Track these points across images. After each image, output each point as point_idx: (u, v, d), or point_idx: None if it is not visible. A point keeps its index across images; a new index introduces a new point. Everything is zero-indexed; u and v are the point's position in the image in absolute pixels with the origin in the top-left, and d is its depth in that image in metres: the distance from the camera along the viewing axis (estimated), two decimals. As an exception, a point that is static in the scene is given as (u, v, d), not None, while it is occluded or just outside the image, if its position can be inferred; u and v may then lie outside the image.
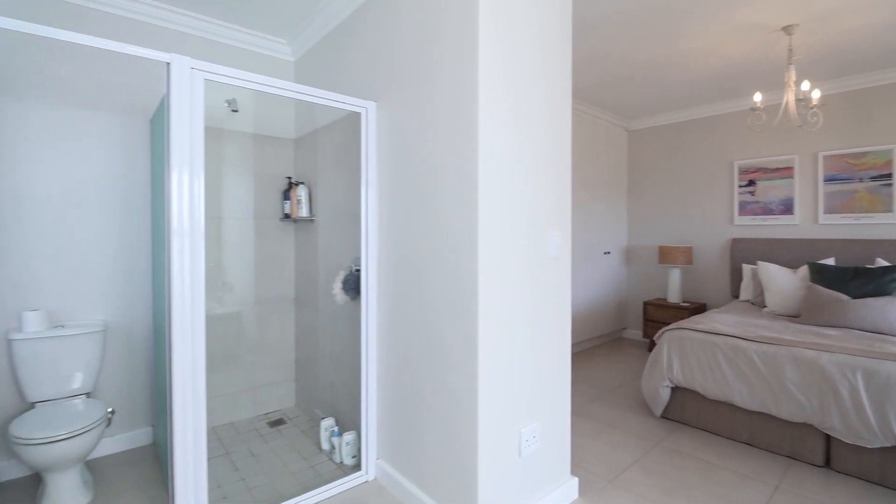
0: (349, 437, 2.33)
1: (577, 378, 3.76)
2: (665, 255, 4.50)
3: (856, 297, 3.05)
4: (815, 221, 3.89)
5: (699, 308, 4.44)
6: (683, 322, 3.04)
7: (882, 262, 3.30)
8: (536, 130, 1.88)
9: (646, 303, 4.62)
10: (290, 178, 3.03)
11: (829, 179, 3.80)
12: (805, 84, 2.85)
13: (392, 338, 2.14)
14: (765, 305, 3.72)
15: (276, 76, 3.08)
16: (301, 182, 2.96)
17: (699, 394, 2.76)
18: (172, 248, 1.64)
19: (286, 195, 2.97)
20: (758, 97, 3.03)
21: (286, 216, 2.98)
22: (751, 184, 4.26)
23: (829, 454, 2.34)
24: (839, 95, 3.76)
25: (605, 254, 4.90)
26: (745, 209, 4.30)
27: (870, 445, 2.13)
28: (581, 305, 4.56)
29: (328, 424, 2.51)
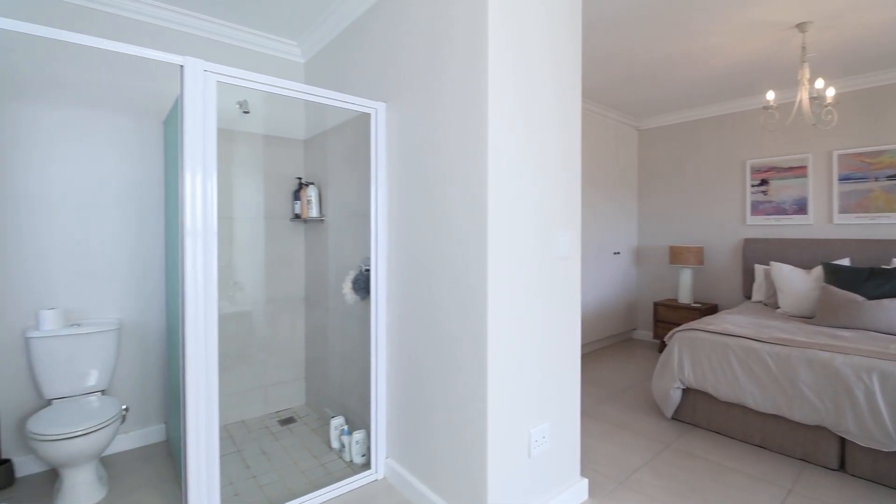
0: (359, 436, 2.35)
1: (587, 379, 3.75)
2: (676, 256, 4.46)
3: (871, 299, 3.00)
4: (830, 221, 3.83)
5: (711, 309, 4.39)
6: (695, 323, 3.01)
7: (899, 263, 3.24)
8: (546, 130, 1.88)
9: (656, 303, 4.58)
10: (301, 179, 3.06)
11: (844, 179, 3.75)
12: (819, 82, 2.81)
13: (401, 337, 2.15)
14: (778, 306, 3.68)
15: (287, 78, 3.10)
16: (311, 182, 2.98)
17: (711, 395, 2.73)
18: (186, 248, 1.66)
19: (296, 195, 2.99)
20: (771, 95, 2.99)
21: (296, 216, 3.01)
22: (763, 183, 4.21)
23: (844, 457, 2.30)
24: (854, 93, 3.70)
25: (615, 254, 4.87)
26: (758, 209, 4.25)
27: (885, 449, 2.09)
28: (590, 306, 4.54)
29: (338, 423, 2.53)
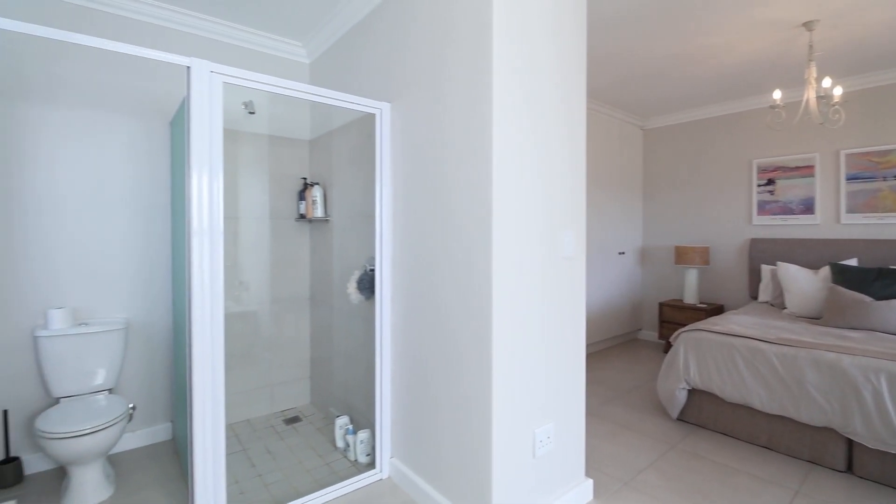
0: (363, 436, 2.35)
1: (592, 379, 3.74)
2: (681, 256, 4.44)
3: (879, 299, 2.97)
4: (837, 221, 3.80)
5: (716, 309, 4.37)
6: (700, 323, 3.00)
7: (907, 263, 3.21)
8: (551, 130, 1.88)
9: (661, 304, 4.56)
10: (306, 179, 3.07)
11: (852, 178, 3.71)
12: (826, 81, 2.79)
13: (406, 337, 2.15)
14: (784, 307, 3.65)
15: (292, 78, 3.12)
16: (316, 183, 2.99)
17: (717, 396, 2.72)
18: (193, 248, 1.67)
19: (301, 196, 3.01)
20: (777, 94, 2.97)
21: (301, 216, 3.02)
22: (770, 183, 4.18)
23: (852, 459, 2.28)
24: (862, 92, 3.67)
25: (620, 254, 4.86)
26: (764, 209, 4.22)
27: (894, 451, 2.07)
28: (595, 306, 4.53)
29: (343, 422, 2.54)
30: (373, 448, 2.37)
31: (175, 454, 2.50)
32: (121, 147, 2.51)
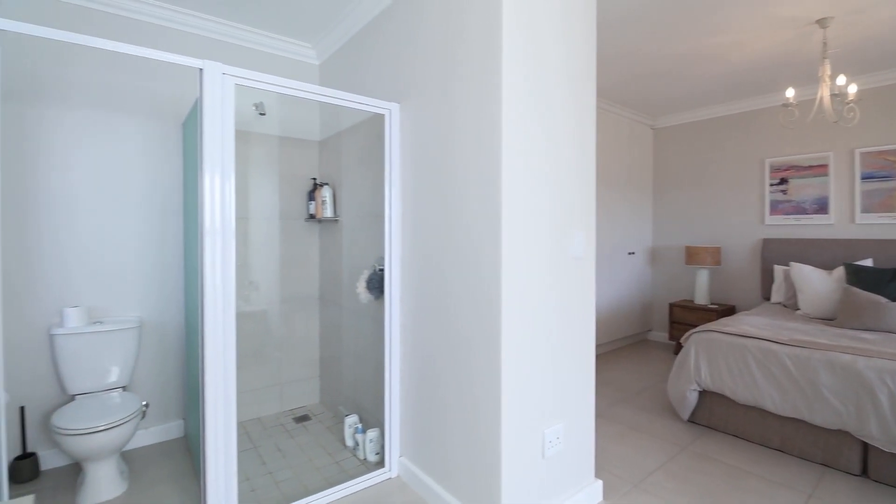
0: (373, 434, 2.37)
1: (601, 380, 3.72)
2: (692, 256, 4.40)
3: (895, 300, 2.92)
4: (852, 221, 3.74)
5: (728, 310, 4.32)
6: (712, 324, 2.97)
7: (924, 264, 3.16)
8: (560, 129, 1.87)
9: (672, 304, 4.52)
10: (315, 180, 3.09)
11: (867, 177, 3.65)
12: (841, 79, 2.75)
13: (415, 337, 2.16)
14: (798, 308, 3.60)
15: (302, 79, 3.14)
16: (326, 183, 3.01)
17: (728, 398, 2.69)
18: (205, 247, 1.69)
19: (311, 196, 3.03)
20: (790, 93, 2.93)
21: (311, 216, 3.04)
22: (783, 182, 4.13)
23: (867, 462, 2.25)
24: (877, 90, 3.61)
25: (630, 254, 4.83)
26: (777, 208, 4.17)
27: (911, 454, 2.04)
28: (605, 306, 4.50)
29: (352, 421, 2.55)
30: (382, 447, 2.38)
31: (187, 451, 2.53)
32: (134, 148, 2.55)
